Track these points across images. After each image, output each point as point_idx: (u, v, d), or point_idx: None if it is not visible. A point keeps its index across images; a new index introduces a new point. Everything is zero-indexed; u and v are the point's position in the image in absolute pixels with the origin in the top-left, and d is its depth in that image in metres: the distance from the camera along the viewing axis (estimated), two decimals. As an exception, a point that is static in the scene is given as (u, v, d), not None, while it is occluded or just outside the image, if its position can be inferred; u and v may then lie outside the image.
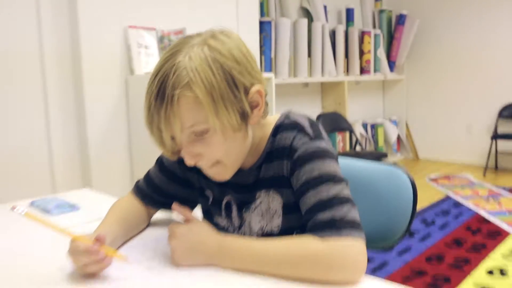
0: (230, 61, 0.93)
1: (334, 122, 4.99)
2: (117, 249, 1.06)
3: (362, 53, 5.66)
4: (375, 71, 5.86)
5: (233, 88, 0.93)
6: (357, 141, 5.25)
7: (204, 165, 1.01)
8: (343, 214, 0.91)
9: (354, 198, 0.96)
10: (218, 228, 1.04)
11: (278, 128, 1.05)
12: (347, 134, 5.44)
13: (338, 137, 5.35)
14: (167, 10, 3.12)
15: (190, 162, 0.99)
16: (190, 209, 1.14)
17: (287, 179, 1.02)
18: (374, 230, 1.20)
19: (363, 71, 5.69)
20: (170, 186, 1.19)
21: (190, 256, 0.96)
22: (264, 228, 1.08)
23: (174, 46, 0.96)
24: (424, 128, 6.38)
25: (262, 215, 1.08)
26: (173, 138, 0.97)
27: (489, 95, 5.78)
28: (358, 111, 5.96)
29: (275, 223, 1.07)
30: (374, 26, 6.08)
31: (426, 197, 4.58)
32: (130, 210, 1.19)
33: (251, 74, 0.97)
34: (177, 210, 1.04)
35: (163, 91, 0.91)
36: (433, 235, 3.52)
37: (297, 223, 1.02)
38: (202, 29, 1.01)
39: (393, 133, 6.18)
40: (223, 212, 1.14)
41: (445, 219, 3.89)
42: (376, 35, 5.81)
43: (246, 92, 0.96)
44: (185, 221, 1.02)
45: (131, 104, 2.94)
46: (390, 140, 6.19)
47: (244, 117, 0.96)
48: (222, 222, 1.15)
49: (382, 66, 5.94)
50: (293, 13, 4.93)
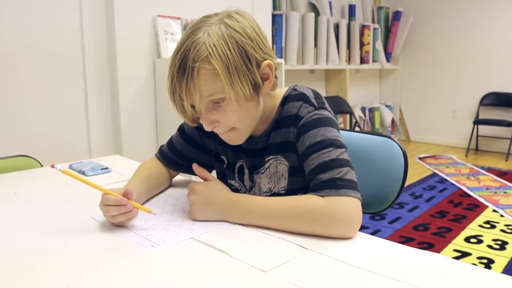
0: (244, 37, 0.92)
1: (337, 105, 4.95)
2: (142, 204, 1.07)
3: (362, 44, 5.60)
4: (373, 61, 5.81)
5: (246, 61, 0.92)
6: (356, 122, 5.22)
7: (220, 130, 1.00)
8: (342, 175, 0.90)
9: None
10: (231, 189, 1.03)
11: (286, 99, 1.04)
12: (348, 116, 5.41)
13: (340, 118, 5.33)
14: (191, 2, 3.10)
15: (208, 128, 0.98)
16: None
17: (293, 145, 1.01)
18: (369, 195, 1.19)
19: (363, 61, 5.64)
20: (189, 151, 1.18)
21: (205, 209, 0.96)
22: (272, 189, 1.08)
23: (194, 24, 0.95)
24: (415, 112, 6.34)
25: (270, 178, 1.07)
26: (193, 107, 0.96)
27: (472, 85, 5.75)
28: (357, 96, 5.92)
29: (282, 185, 1.06)
30: (373, 21, 6.01)
31: (415, 174, 4.56)
32: (154, 171, 1.19)
33: (263, 50, 0.96)
34: (196, 171, 1.04)
35: (185, 64, 0.91)
36: (420, 207, 3.50)
37: (301, 185, 1.02)
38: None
39: (388, 116, 6.15)
40: (236, 175, 1.13)
41: (431, 193, 3.88)
42: (375, 29, 5.74)
43: (258, 65, 0.95)
44: (203, 180, 1.02)
45: (158, 83, 2.94)
46: (385, 122, 6.15)
47: (256, 87, 0.95)
48: (235, 184, 1.14)
49: (380, 57, 5.88)
50: (301, 7, 4.88)
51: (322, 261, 0.78)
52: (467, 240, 2.83)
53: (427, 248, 2.69)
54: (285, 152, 1.04)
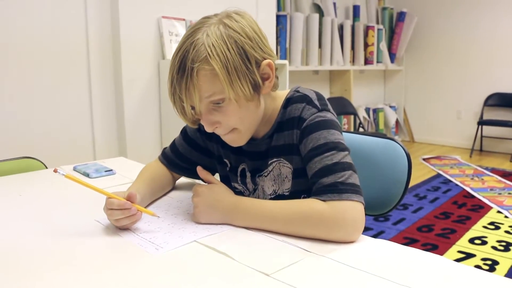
0: (243, 37, 0.92)
1: (341, 106, 4.95)
2: (145, 207, 1.07)
3: (366, 45, 5.60)
4: (378, 62, 5.80)
5: (245, 61, 0.92)
6: (360, 123, 5.22)
7: (221, 132, 1.00)
8: (345, 179, 0.90)
9: (356, 168, 0.95)
10: (235, 191, 1.03)
11: (289, 100, 1.04)
12: (352, 117, 5.40)
13: (344, 119, 5.33)
14: (195, 3, 3.10)
15: (209, 129, 0.98)
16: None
17: (296, 147, 1.01)
18: (373, 197, 1.19)
19: (367, 62, 5.63)
20: (192, 154, 1.18)
21: (208, 212, 0.96)
22: (276, 191, 1.07)
23: (194, 25, 0.95)
24: (419, 113, 6.33)
25: (274, 180, 1.07)
26: (193, 108, 0.96)
27: (476, 86, 5.73)
28: (362, 97, 5.91)
29: (286, 187, 1.06)
30: (377, 22, 6.00)
31: (420, 174, 4.55)
32: (157, 173, 1.19)
33: (262, 49, 0.95)
34: (200, 174, 1.04)
35: (184, 65, 0.91)
36: (424, 208, 3.50)
37: (305, 187, 1.01)
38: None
39: (392, 117, 6.13)
40: (239, 178, 1.13)
41: (435, 194, 3.87)
42: (379, 30, 5.73)
43: (258, 65, 0.95)
44: (207, 183, 1.02)
45: (162, 85, 2.94)
46: (390, 123, 6.13)
47: (256, 87, 0.95)
48: (239, 186, 1.14)
49: (384, 58, 5.88)
50: (306, 8, 4.88)
51: (325, 264, 0.78)
52: (471, 241, 2.82)
53: (431, 249, 2.68)
54: (288, 154, 1.04)
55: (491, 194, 3.84)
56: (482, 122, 5.49)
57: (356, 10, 5.56)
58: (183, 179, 1.30)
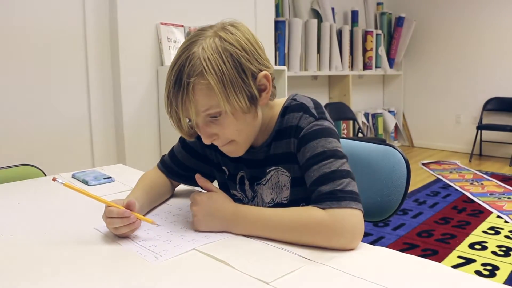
0: (239, 49, 0.92)
1: (340, 111, 4.97)
2: (144, 215, 1.07)
3: (365, 50, 5.61)
4: (376, 67, 5.81)
5: (241, 74, 0.92)
6: (359, 128, 5.22)
7: (219, 143, 1.01)
8: (343, 187, 0.90)
9: (355, 175, 0.95)
10: (234, 199, 1.03)
11: (286, 109, 1.04)
12: (351, 122, 5.41)
13: (343, 125, 5.33)
14: (194, 10, 3.11)
15: (207, 141, 0.99)
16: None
17: (294, 155, 1.01)
18: (372, 204, 1.20)
19: (366, 67, 5.65)
20: (190, 161, 1.19)
21: (207, 221, 0.96)
22: (275, 199, 1.08)
23: (190, 38, 0.96)
24: (418, 118, 6.34)
25: (272, 188, 1.07)
26: (189, 121, 0.97)
27: (475, 90, 5.75)
28: (361, 102, 5.92)
29: (284, 195, 1.06)
30: (376, 27, 6.02)
31: (419, 179, 4.55)
32: (156, 181, 1.19)
33: (258, 61, 0.96)
34: (199, 181, 1.04)
35: (180, 80, 0.91)
36: (424, 213, 3.50)
37: (303, 195, 1.02)
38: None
39: (391, 122, 6.14)
40: (238, 186, 1.13)
41: (435, 199, 3.87)
42: (377, 35, 5.75)
43: (254, 77, 0.95)
44: (206, 191, 1.02)
45: (161, 91, 2.94)
46: (389, 128, 6.14)
47: (252, 100, 0.95)
48: (238, 194, 1.15)
49: (383, 63, 5.89)
50: (304, 14, 4.89)
51: (324, 272, 0.78)
52: (471, 246, 2.82)
53: (431, 255, 2.68)
54: (286, 163, 1.04)
55: (491, 199, 3.84)
56: (481, 127, 5.50)
57: (354, 15, 5.58)
58: (182, 186, 1.30)
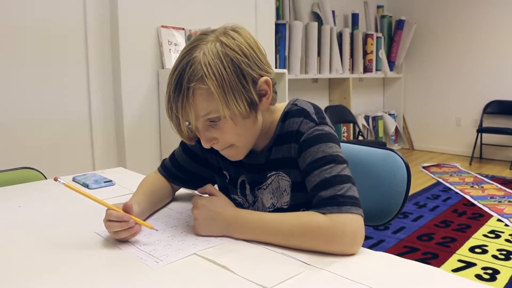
0: (240, 55, 0.92)
1: (340, 114, 4.97)
2: (145, 219, 1.08)
3: (365, 53, 5.62)
4: (377, 70, 5.81)
5: (242, 79, 0.92)
6: (359, 131, 5.22)
7: (219, 147, 1.01)
8: (344, 192, 0.90)
9: (355, 179, 0.95)
10: (235, 203, 1.04)
11: (287, 114, 1.04)
12: (351, 125, 5.41)
13: (343, 128, 5.33)
14: (195, 13, 3.12)
15: (206, 145, 0.99)
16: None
17: (295, 161, 1.01)
18: (373, 208, 1.20)
19: (366, 70, 5.65)
20: (191, 165, 1.19)
21: (208, 224, 0.97)
22: (275, 204, 1.08)
23: (191, 42, 0.96)
24: (418, 121, 6.35)
25: (273, 193, 1.07)
26: (189, 124, 0.97)
27: (475, 93, 5.76)
28: (361, 105, 5.92)
29: (284, 200, 1.06)
30: (376, 30, 6.03)
31: (419, 183, 4.55)
32: (156, 185, 1.19)
33: (259, 66, 0.96)
34: (201, 191, 1.05)
35: (180, 84, 0.91)
36: (424, 217, 3.50)
37: (304, 200, 1.02)
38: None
39: (391, 125, 6.15)
40: (238, 190, 1.14)
41: (435, 203, 3.87)
42: (378, 38, 5.76)
43: (255, 82, 0.95)
44: (208, 195, 1.03)
45: (162, 94, 2.95)
46: (389, 131, 6.15)
47: (252, 105, 0.95)
48: (238, 198, 1.15)
49: (383, 66, 5.89)
50: (305, 17, 4.90)
51: (324, 277, 0.78)
52: (472, 250, 2.81)
53: (432, 258, 2.68)
54: (286, 168, 1.04)
55: (491, 202, 3.84)
56: (481, 130, 5.50)
57: (355, 18, 5.59)
58: (183, 190, 1.30)
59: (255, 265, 0.83)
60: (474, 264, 2.61)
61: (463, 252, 2.79)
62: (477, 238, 3.01)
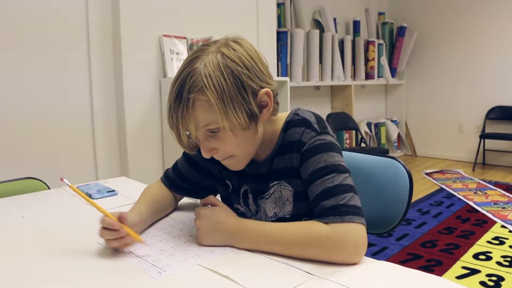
0: (240, 66, 0.93)
1: (342, 121, 4.97)
2: (147, 228, 1.09)
3: (367, 60, 5.63)
4: (379, 77, 5.83)
5: (242, 91, 0.93)
6: (362, 138, 5.22)
7: (219, 157, 1.02)
8: (346, 201, 0.90)
9: (357, 187, 0.95)
10: (237, 213, 1.04)
11: (288, 124, 1.05)
12: (354, 132, 5.42)
13: (346, 134, 5.34)
14: (196, 22, 3.13)
15: (206, 155, 1.00)
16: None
17: (297, 170, 1.02)
18: (375, 216, 1.20)
19: (368, 76, 5.66)
20: (194, 175, 1.20)
21: (211, 234, 0.97)
22: (277, 214, 1.08)
23: (193, 53, 0.97)
24: (421, 127, 6.35)
25: (275, 203, 1.08)
26: (190, 134, 0.98)
27: (478, 99, 5.76)
28: (363, 112, 5.93)
29: (287, 209, 1.07)
30: (378, 37, 6.04)
31: (422, 189, 4.54)
32: (159, 195, 1.20)
33: (260, 78, 0.96)
34: (204, 202, 1.05)
35: (181, 95, 0.92)
36: (427, 223, 3.49)
37: (306, 210, 1.02)
38: (226, 38, 1.01)
39: (394, 131, 6.15)
40: (241, 199, 1.14)
41: (438, 209, 3.86)
42: (379, 45, 5.77)
43: (255, 94, 0.96)
44: (211, 205, 1.03)
45: (164, 103, 2.95)
46: (391, 138, 6.15)
47: (252, 117, 0.96)
48: (241, 208, 1.15)
49: (385, 72, 5.90)
50: (306, 24, 4.92)
51: (327, 286, 0.78)
52: (476, 257, 2.81)
53: (435, 265, 2.67)
54: (288, 177, 1.04)
55: (495, 208, 3.83)
56: (484, 136, 5.50)
57: (356, 25, 5.60)
58: (186, 200, 1.31)
59: (258, 275, 0.83)
60: (478, 271, 2.60)
61: (467, 259, 2.78)
62: (481, 245, 3.00)
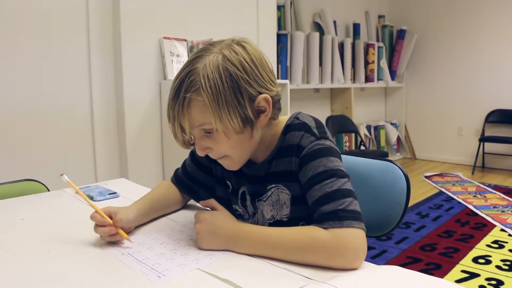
0: (239, 71, 0.93)
1: (342, 124, 4.98)
2: (148, 228, 1.12)
3: (367, 63, 5.64)
4: (378, 79, 5.84)
5: (238, 95, 0.93)
6: (361, 141, 5.23)
7: (213, 156, 1.04)
8: (345, 206, 0.90)
9: (355, 190, 0.95)
10: (235, 214, 1.05)
11: (288, 127, 1.05)
12: (353, 135, 5.42)
13: (345, 137, 5.34)
14: (197, 24, 3.13)
15: (201, 153, 1.01)
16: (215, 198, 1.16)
17: (295, 174, 1.02)
18: (373, 219, 1.20)
19: (368, 79, 5.67)
20: (199, 174, 1.22)
21: (210, 239, 0.97)
22: (275, 216, 1.08)
23: (196, 52, 0.98)
24: (420, 130, 6.36)
25: (272, 205, 1.08)
26: (185, 132, 1.00)
27: (477, 102, 5.77)
28: (362, 115, 5.93)
29: (284, 213, 1.07)
30: (377, 40, 6.05)
31: (422, 192, 4.55)
32: (163, 192, 1.24)
33: (259, 83, 0.96)
34: (203, 205, 1.06)
35: (178, 93, 0.94)
36: (427, 227, 3.49)
37: (304, 214, 1.02)
38: (226, 41, 1.02)
39: (393, 134, 6.15)
40: (239, 200, 1.15)
41: (438, 212, 3.87)
42: (379, 48, 5.78)
43: (252, 99, 0.96)
44: (211, 209, 1.04)
45: (164, 105, 2.95)
46: (391, 141, 6.15)
47: (247, 121, 0.96)
48: (239, 209, 1.16)
49: (384, 75, 5.91)
50: (306, 27, 4.92)
51: (327, 291, 0.78)
52: (475, 260, 2.81)
53: (435, 269, 2.67)
54: (286, 181, 1.05)
55: (494, 211, 3.83)
56: (483, 139, 5.51)
57: (356, 28, 5.61)
58: (188, 203, 1.32)
59: (258, 279, 0.83)
60: (477, 275, 2.60)
61: (467, 262, 2.78)
62: (480, 248, 3.00)
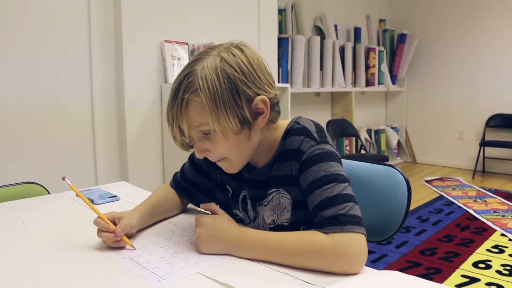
0: (237, 72, 0.94)
1: (342, 128, 4.98)
2: (149, 232, 1.12)
3: (367, 67, 5.64)
4: (379, 83, 5.84)
5: (235, 96, 0.94)
6: (362, 145, 5.23)
7: (212, 158, 1.04)
8: (346, 211, 0.90)
9: (356, 195, 0.95)
10: (236, 219, 1.05)
11: (288, 132, 1.05)
12: (354, 139, 5.42)
13: (346, 141, 5.34)
14: (198, 27, 3.14)
15: (199, 155, 1.02)
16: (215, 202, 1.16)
17: (296, 179, 1.02)
18: (373, 223, 1.20)
19: (368, 83, 5.67)
20: (198, 178, 1.22)
21: (211, 243, 0.97)
22: (276, 221, 1.08)
23: (196, 55, 0.99)
24: (421, 134, 6.35)
25: (273, 210, 1.08)
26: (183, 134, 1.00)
27: (478, 107, 5.77)
28: (363, 118, 5.93)
29: (285, 217, 1.07)
30: (378, 44, 6.06)
31: (422, 196, 4.54)
32: (163, 196, 1.24)
33: (257, 85, 0.97)
34: (204, 208, 1.06)
35: (177, 94, 0.95)
36: (427, 231, 3.49)
37: (304, 218, 1.03)
38: (227, 44, 1.02)
39: (394, 138, 6.15)
40: (240, 205, 1.15)
41: (438, 217, 3.86)
42: (380, 52, 5.79)
43: (250, 101, 0.96)
44: (211, 213, 1.04)
45: (164, 109, 2.93)
46: (391, 145, 6.15)
47: (244, 122, 0.97)
48: (240, 214, 1.16)
49: (385, 79, 5.92)
50: (307, 31, 4.93)
51: (327, 296, 0.78)
52: (475, 265, 2.80)
53: (435, 273, 2.67)
54: (287, 185, 1.05)
55: (495, 216, 3.82)
56: (484, 143, 5.50)
57: (357, 32, 5.62)
58: (188, 207, 1.32)
59: (258, 284, 0.83)
60: (478, 279, 2.59)
61: (467, 267, 2.77)
62: (480, 253, 3.00)
